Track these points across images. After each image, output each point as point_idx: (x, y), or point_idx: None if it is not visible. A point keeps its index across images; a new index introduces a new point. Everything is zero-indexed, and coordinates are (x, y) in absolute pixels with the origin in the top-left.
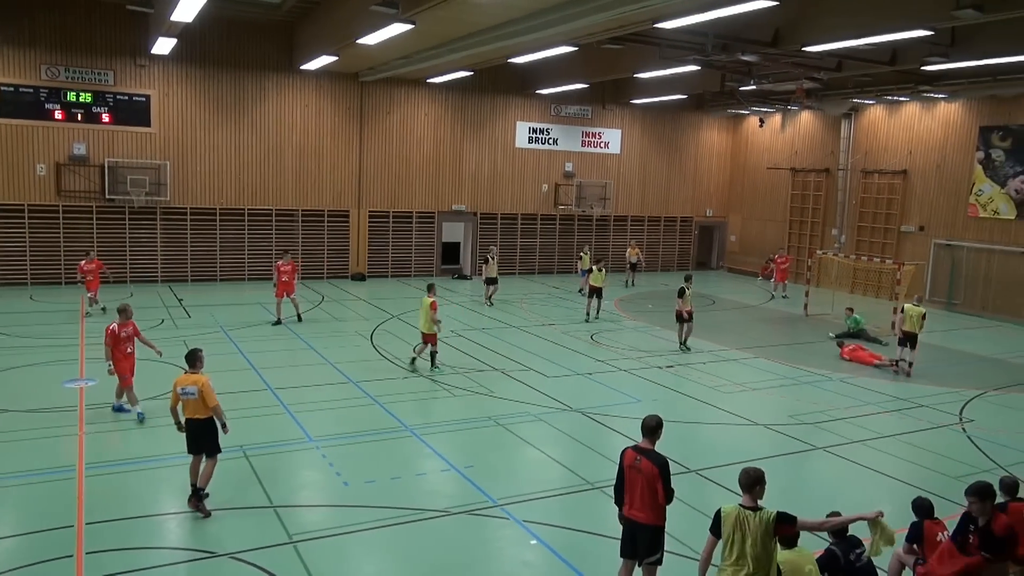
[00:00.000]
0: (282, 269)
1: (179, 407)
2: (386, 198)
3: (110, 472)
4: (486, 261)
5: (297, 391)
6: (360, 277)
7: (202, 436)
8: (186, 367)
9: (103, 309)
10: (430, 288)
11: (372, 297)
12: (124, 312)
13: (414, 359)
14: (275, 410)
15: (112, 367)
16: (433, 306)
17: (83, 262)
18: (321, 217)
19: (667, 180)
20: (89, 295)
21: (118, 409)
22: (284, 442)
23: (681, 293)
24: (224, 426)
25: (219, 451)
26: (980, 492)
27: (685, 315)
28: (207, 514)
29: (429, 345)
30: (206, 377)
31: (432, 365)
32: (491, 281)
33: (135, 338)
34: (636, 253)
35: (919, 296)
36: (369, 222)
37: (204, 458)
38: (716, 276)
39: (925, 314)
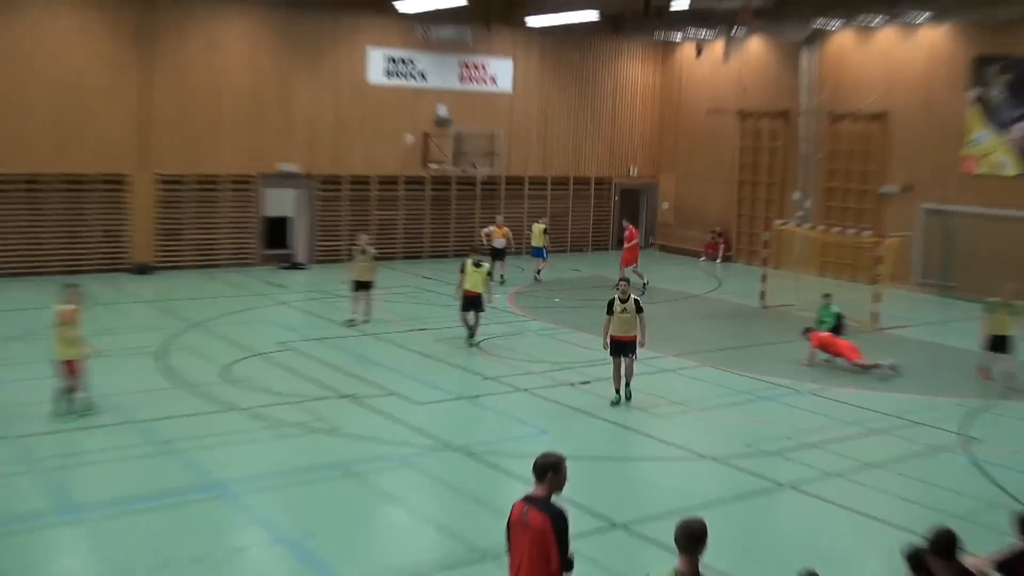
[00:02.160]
0: None
1: None
2: (183, 157)
3: None
4: (351, 256)
5: (32, 441)
6: (144, 269)
7: None
8: None
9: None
10: (69, 290)
11: (162, 297)
12: None
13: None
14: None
15: None
16: (71, 317)
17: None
18: (83, 184)
19: (576, 129)
20: None
21: None
22: (19, 518)
23: (609, 307)
24: None
25: None
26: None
27: (607, 343)
28: None
29: (68, 378)
30: None
31: (70, 406)
32: (363, 286)
33: None
34: (504, 234)
35: (1012, 286)
36: (158, 191)
37: None
38: (646, 257)
39: (1005, 305)
